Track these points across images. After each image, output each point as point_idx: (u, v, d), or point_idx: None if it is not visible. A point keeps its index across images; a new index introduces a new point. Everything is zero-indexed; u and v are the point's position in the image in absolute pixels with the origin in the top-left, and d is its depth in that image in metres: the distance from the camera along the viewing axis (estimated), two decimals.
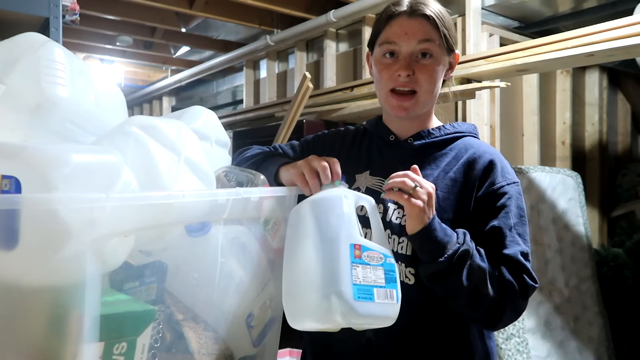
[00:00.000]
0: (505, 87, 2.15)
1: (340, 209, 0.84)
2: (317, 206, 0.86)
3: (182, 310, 0.80)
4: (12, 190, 0.60)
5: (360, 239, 0.83)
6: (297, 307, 0.82)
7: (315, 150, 1.15)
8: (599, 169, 3.31)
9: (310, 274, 0.80)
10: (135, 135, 0.76)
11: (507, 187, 0.97)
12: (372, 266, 0.82)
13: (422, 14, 0.98)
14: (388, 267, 0.84)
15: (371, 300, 0.79)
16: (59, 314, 0.62)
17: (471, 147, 1.02)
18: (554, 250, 2.59)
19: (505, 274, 0.91)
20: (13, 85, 0.76)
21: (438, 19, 0.98)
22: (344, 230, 0.82)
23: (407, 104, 0.99)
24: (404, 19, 0.99)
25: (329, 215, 0.84)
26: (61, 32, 1.39)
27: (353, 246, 0.81)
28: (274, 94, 3.91)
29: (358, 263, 0.80)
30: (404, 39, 0.97)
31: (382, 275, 0.82)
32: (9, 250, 0.58)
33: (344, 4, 3.03)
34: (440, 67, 1.00)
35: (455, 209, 0.97)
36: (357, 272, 0.79)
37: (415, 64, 0.97)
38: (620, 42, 1.80)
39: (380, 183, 1.03)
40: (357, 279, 0.79)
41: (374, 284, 0.81)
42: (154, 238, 0.75)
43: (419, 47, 0.97)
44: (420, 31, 0.97)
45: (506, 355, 2.22)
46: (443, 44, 0.99)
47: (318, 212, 0.85)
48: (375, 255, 0.83)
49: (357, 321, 0.79)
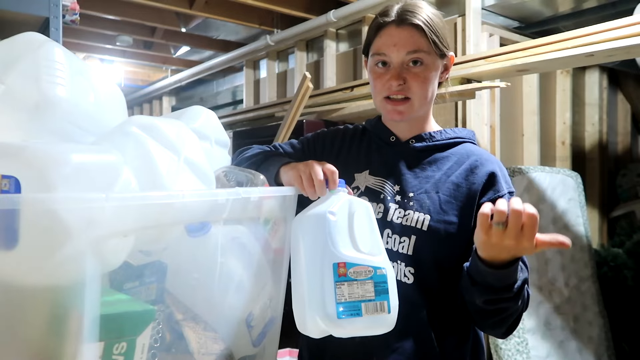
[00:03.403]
0: (505, 87, 2.14)
1: (323, 227, 0.85)
2: (304, 223, 0.88)
3: (181, 310, 0.80)
4: (11, 190, 0.60)
5: (346, 255, 0.83)
6: (298, 318, 0.87)
7: (316, 149, 1.16)
8: (599, 169, 3.31)
9: (300, 291, 0.85)
10: (135, 135, 0.76)
11: (508, 197, 0.97)
12: (359, 281, 0.83)
13: (410, 23, 0.98)
14: (378, 279, 0.84)
15: (358, 316, 0.82)
16: (58, 313, 0.62)
17: (473, 154, 1.03)
18: (554, 250, 2.59)
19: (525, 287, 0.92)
20: (12, 85, 0.76)
21: (427, 27, 0.98)
22: (327, 250, 0.83)
23: (401, 108, 1.00)
24: (392, 29, 1.00)
25: (314, 233, 0.86)
26: (61, 32, 1.39)
27: (337, 265, 0.82)
28: (274, 94, 3.91)
29: (343, 281, 0.82)
30: (394, 50, 0.99)
31: (371, 288, 0.83)
32: (9, 250, 0.58)
33: (344, 4, 3.03)
34: (432, 73, 1.00)
35: (458, 213, 0.98)
36: (342, 290, 0.81)
37: (406, 72, 0.99)
38: (620, 42, 1.79)
39: (380, 183, 1.03)
40: (342, 297, 0.81)
41: (361, 299, 0.82)
42: (153, 238, 0.75)
43: (408, 57, 0.98)
44: (408, 42, 0.98)
45: (506, 355, 2.22)
46: (434, 50, 0.99)
47: (305, 229, 0.88)
48: (363, 270, 0.84)
49: (347, 334, 0.84)
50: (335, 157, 1.13)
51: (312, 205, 0.91)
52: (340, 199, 0.89)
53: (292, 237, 0.91)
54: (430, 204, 0.98)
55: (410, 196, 1.00)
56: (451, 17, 2.57)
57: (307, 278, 0.85)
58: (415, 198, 1.00)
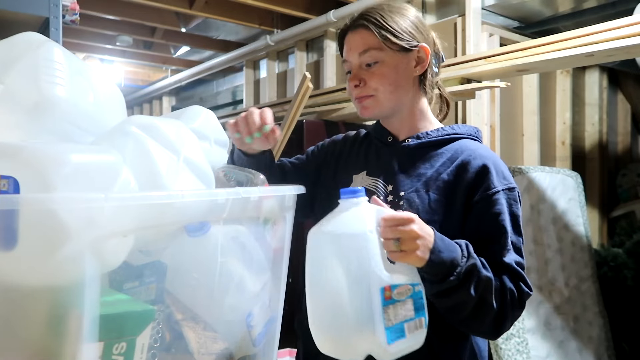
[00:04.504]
0: (505, 87, 2.14)
1: (364, 248, 0.78)
2: (343, 243, 0.79)
3: (181, 310, 0.80)
4: (10, 191, 0.60)
5: (390, 277, 0.78)
6: (326, 338, 0.81)
7: (319, 154, 1.20)
8: (599, 169, 3.31)
9: (341, 315, 0.77)
10: (135, 135, 0.76)
11: (502, 194, 0.95)
12: (401, 302, 0.78)
13: (359, 24, 1.02)
14: (416, 295, 0.81)
15: (403, 338, 0.77)
16: (58, 314, 0.62)
17: (467, 149, 1.01)
18: (554, 250, 2.59)
19: (507, 283, 0.91)
20: (12, 85, 0.76)
21: (374, 24, 1.00)
22: (374, 274, 0.77)
23: (366, 104, 1.03)
24: (348, 36, 1.05)
25: (357, 255, 0.78)
26: (61, 32, 1.39)
27: (383, 289, 0.77)
28: (274, 94, 3.91)
29: (389, 304, 0.77)
30: (350, 55, 1.04)
31: (411, 307, 0.79)
32: (8, 251, 0.58)
33: (344, 4, 3.03)
34: (391, 69, 1.01)
35: (448, 212, 0.96)
36: (388, 314, 0.76)
37: (364, 73, 1.02)
38: (620, 42, 1.79)
39: (375, 183, 1.04)
40: (390, 322, 0.76)
41: (404, 319, 0.78)
42: (153, 238, 0.75)
43: (362, 59, 1.02)
44: (358, 43, 1.02)
45: (506, 355, 2.22)
46: (387, 46, 1.00)
47: (345, 250, 0.79)
48: (405, 290, 0.79)
49: (391, 358, 0.78)
50: (336, 160, 1.15)
51: (341, 225, 0.82)
52: (364, 212, 0.82)
53: (319, 251, 0.82)
54: (419, 203, 0.98)
55: (401, 195, 1.00)
56: (451, 17, 2.57)
57: (351, 303, 0.77)
58: (405, 197, 0.99)
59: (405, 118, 1.06)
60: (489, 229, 0.94)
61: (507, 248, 0.93)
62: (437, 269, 0.84)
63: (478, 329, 0.93)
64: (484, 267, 0.89)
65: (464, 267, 0.85)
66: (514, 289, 0.91)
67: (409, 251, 0.80)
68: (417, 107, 1.07)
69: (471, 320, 0.90)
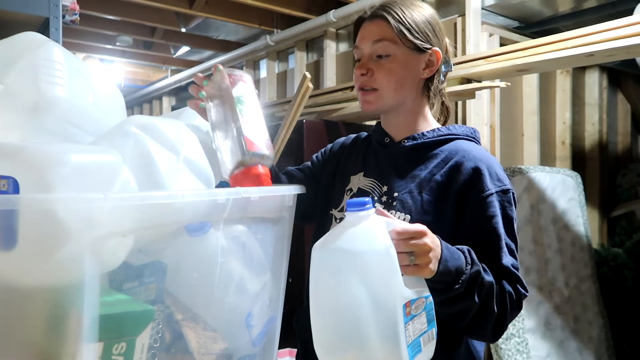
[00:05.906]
0: (505, 87, 2.14)
1: (389, 265, 0.73)
2: (360, 260, 0.74)
3: (181, 310, 0.80)
4: (10, 191, 0.60)
5: (410, 292, 0.75)
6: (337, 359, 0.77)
7: (324, 157, 1.21)
8: (599, 169, 3.31)
9: (358, 334, 0.74)
10: (134, 135, 0.76)
11: (495, 196, 0.94)
12: (418, 315, 0.76)
13: (379, 15, 1.01)
14: (428, 307, 0.79)
15: (420, 352, 0.76)
16: (58, 314, 0.62)
17: (461, 150, 1.00)
18: (554, 250, 2.59)
19: (506, 286, 0.91)
20: (11, 84, 0.76)
21: (394, 18, 1.00)
22: (396, 291, 0.73)
23: (369, 98, 1.03)
24: (365, 24, 1.05)
25: (378, 272, 0.73)
26: (61, 32, 1.38)
27: (404, 306, 0.73)
28: (274, 94, 3.91)
29: (409, 320, 0.74)
30: (362, 42, 1.04)
31: (424, 319, 0.78)
32: (8, 251, 0.58)
33: (344, 4, 3.03)
34: (401, 66, 1.00)
35: (440, 214, 0.96)
36: (409, 331, 0.74)
37: (374, 63, 1.02)
38: (620, 42, 1.79)
39: (371, 184, 1.04)
40: (410, 338, 0.74)
41: (420, 333, 0.76)
42: (153, 238, 0.75)
43: (374, 48, 1.01)
44: (374, 32, 1.02)
45: (506, 355, 2.22)
46: (401, 41, 0.99)
47: (362, 267, 0.74)
48: (420, 304, 0.77)
49: None
50: (336, 162, 1.16)
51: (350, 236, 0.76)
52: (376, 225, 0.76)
53: (326, 271, 0.77)
54: (412, 204, 0.97)
55: (395, 196, 1.00)
56: (451, 17, 2.57)
57: (368, 322, 0.73)
58: (398, 198, 0.99)
59: (405, 119, 1.06)
60: (483, 233, 0.94)
61: (503, 251, 0.93)
62: (443, 278, 0.83)
63: (479, 333, 0.93)
64: (485, 273, 0.89)
65: (469, 274, 0.85)
66: (512, 292, 0.92)
67: (422, 265, 0.79)
68: (418, 110, 1.06)
69: (473, 325, 0.90)
